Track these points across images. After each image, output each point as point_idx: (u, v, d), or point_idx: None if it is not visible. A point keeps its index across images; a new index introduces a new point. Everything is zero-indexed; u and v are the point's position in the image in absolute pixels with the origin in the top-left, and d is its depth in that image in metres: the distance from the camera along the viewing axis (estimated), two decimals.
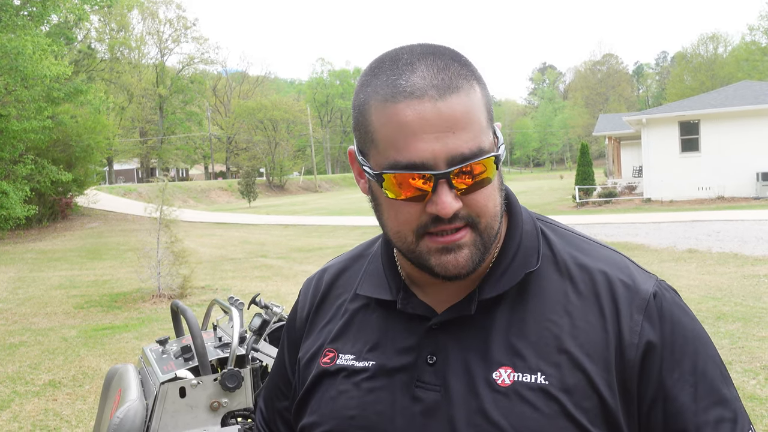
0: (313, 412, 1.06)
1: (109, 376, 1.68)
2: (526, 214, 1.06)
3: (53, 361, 6.98)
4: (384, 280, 1.07)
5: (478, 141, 0.89)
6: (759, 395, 4.85)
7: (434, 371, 0.97)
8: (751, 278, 9.30)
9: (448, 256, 0.93)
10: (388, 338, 1.03)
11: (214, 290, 10.81)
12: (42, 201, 24.11)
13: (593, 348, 0.93)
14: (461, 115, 0.88)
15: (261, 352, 1.59)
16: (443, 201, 0.89)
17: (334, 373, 1.05)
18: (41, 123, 21.01)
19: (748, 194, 24.01)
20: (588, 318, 0.95)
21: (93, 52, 52.88)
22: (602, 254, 1.03)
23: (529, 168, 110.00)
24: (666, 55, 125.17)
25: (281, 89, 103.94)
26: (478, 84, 0.92)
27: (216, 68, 79.41)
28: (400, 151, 0.89)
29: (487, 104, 0.93)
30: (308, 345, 1.13)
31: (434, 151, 0.88)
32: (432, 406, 0.96)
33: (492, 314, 0.98)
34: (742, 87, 27.37)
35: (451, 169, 0.88)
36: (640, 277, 0.99)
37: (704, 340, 0.98)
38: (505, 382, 0.92)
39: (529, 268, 0.99)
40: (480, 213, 0.92)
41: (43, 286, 12.39)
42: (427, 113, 0.88)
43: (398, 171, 0.89)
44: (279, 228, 23.69)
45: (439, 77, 0.89)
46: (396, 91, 0.90)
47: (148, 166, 68.52)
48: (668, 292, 1.00)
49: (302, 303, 1.20)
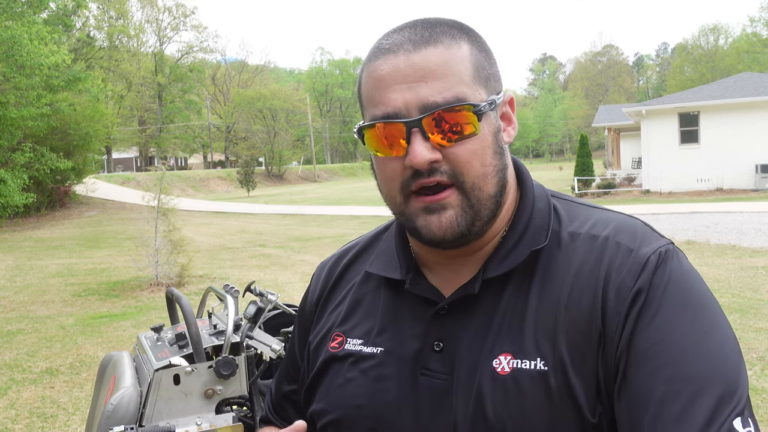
0: (322, 399, 1.05)
1: (104, 364, 1.68)
2: (539, 191, 1.03)
3: (51, 348, 6.98)
4: (395, 258, 1.06)
5: (454, 91, 0.87)
6: (755, 386, 4.86)
7: (440, 359, 0.95)
8: (749, 270, 9.32)
9: (431, 216, 0.91)
10: (397, 322, 1.02)
11: (212, 279, 10.82)
12: (40, 189, 24.08)
13: (588, 328, 0.88)
14: (435, 65, 0.88)
15: (256, 339, 1.59)
16: (414, 150, 0.88)
17: (342, 359, 1.04)
18: (39, 110, 20.96)
19: (746, 186, 24.02)
20: (588, 296, 0.89)
21: (91, 40, 52.69)
22: (611, 218, 0.97)
23: (528, 159, 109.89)
24: (667, 47, 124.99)
25: (281, 78, 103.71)
26: (468, 44, 0.91)
27: (215, 57, 79.34)
28: (376, 105, 0.90)
29: (476, 63, 0.91)
30: (318, 329, 1.13)
31: (406, 100, 0.87)
32: (438, 396, 0.94)
33: (498, 296, 0.95)
34: (742, 79, 27.32)
35: (421, 116, 0.87)
36: (645, 240, 0.91)
37: (706, 306, 0.86)
38: (505, 369, 0.90)
39: (536, 246, 0.95)
40: (463, 169, 0.89)
41: (41, 274, 12.39)
42: (400, 65, 0.88)
43: (373, 123, 0.90)
44: (277, 217, 23.69)
45: (419, 34, 0.90)
46: (377, 51, 0.92)
47: (147, 155, 68.41)
48: (675, 255, 0.90)
49: (313, 287, 1.20)
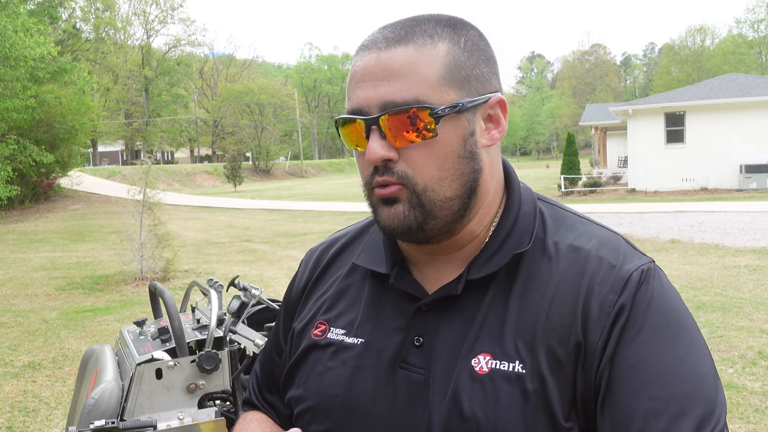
0: (300, 386, 1.05)
1: (86, 358, 1.67)
2: (526, 195, 1.03)
3: (33, 342, 6.93)
4: (381, 252, 1.06)
5: (415, 92, 0.88)
6: (736, 383, 4.92)
7: (420, 353, 0.96)
8: (732, 269, 9.40)
9: (385, 207, 0.93)
10: (379, 315, 1.02)
11: (198, 274, 10.77)
12: (24, 182, 23.84)
13: (567, 336, 0.89)
14: (400, 65, 0.88)
15: (239, 334, 1.59)
16: (369, 147, 0.89)
17: (324, 347, 1.05)
18: (24, 102, 20.74)
19: (731, 186, 24.23)
20: (569, 306, 0.91)
21: (78, 32, 52.23)
22: (596, 233, 0.98)
23: (515, 157, 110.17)
24: (654, 47, 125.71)
25: (269, 73, 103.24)
26: (449, 44, 0.91)
27: (203, 51, 79.06)
28: (349, 100, 0.93)
29: (452, 64, 0.90)
30: (303, 315, 1.13)
31: (368, 98, 0.89)
32: (414, 390, 0.94)
33: (480, 297, 0.95)
34: (727, 79, 27.54)
35: (377, 115, 0.89)
36: (628, 258, 0.93)
37: (685, 327, 0.89)
38: (483, 369, 0.90)
39: (518, 249, 0.95)
40: (415, 171, 0.91)
41: (24, 267, 12.28)
42: (369, 63, 0.90)
43: (341, 117, 0.93)
44: (264, 212, 23.61)
45: (396, 32, 0.91)
46: (359, 47, 0.94)
47: (133, 149, 67.94)
48: (656, 275, 0.92)
49: (301, 274, 1.19)
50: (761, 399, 4.63)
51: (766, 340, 5.96)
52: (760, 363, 5.37)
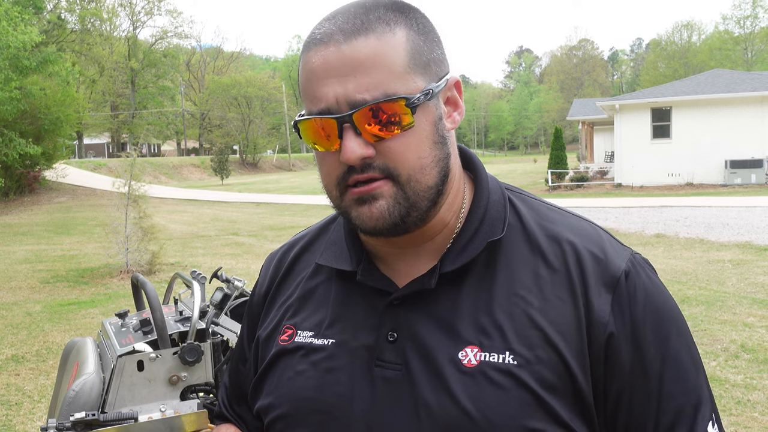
0: (270, 394, 1.02)
1: (67, 350, 1.66)
2: (494, 184, 1.01)
3: (17, 335, 6.87)
4: (345, 249, 1.02)
5: (384, 87, 0.85)
6: (719, 376, 4.96)
7: (395, 349, 0.93)
8: (716, 263, 9.49)
9: (362, 207, 0.89)
10: (348, 314, 0.99)
11: (184, 267, 10.72)
12: (9, 174, 23.62)
13: (565, 326, 0.88)
14: (365, 57, 0.85)
15: (222, 326, 1.58)
16: (345, 146, 0.86)
17: (292, 351, 1.01)
18: (8, 94, 20.52)
19: (716, 181, 24.43)
20: (558, 293, 0.90)
21: (63, 23, 51.67)
22: (573, 224, 0.97)
23: (503, 151, 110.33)
24: (641, 42, 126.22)
25: (256, 66, 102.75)
26: (405, 29, 0.88)
27: (190, 43, 78.42)
28: (311, 99, 0.88)
29: (413, 50, 0.88)
30: (267, 322, 1.09)
31: (336, 95, 0.85)
32: (393, 387, 0.91)
33: (458, 288, 0.93)
34: (713, 75, 27.74)
35: (351, 112, 0.85)
36: (612, 251, 0.94)
37: (676, 322, 0.93)
38: (472, 362, 0.88)
39: (492, 237, 0.93)
40: (397, 163, 0.87)
41: (8, 260, 12.17)
42: (330, 57, 0.86)
43: (306, 118, 0.88)
44: (251, 206, 23.54)
45: (351, 22, 0.87)
46: (311, 41, 0.89)
47: (119, 141, 67.37)
48: (642, 269, 0.94)
49: (262, 279, 1.16)
50: (743, 391, 4.68)
51: (748, 333, 6.02)
52: (743, 356, 5.43)
